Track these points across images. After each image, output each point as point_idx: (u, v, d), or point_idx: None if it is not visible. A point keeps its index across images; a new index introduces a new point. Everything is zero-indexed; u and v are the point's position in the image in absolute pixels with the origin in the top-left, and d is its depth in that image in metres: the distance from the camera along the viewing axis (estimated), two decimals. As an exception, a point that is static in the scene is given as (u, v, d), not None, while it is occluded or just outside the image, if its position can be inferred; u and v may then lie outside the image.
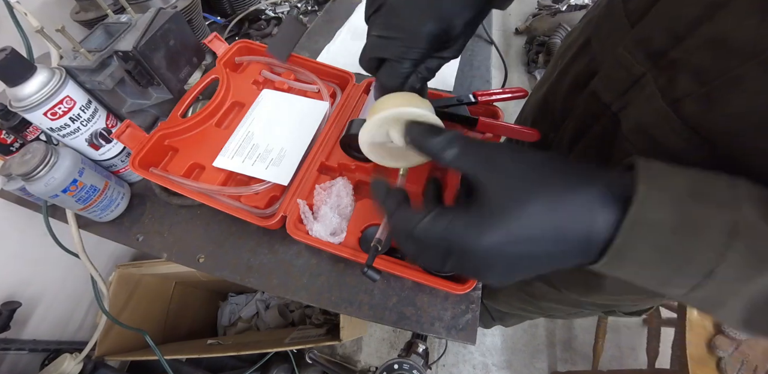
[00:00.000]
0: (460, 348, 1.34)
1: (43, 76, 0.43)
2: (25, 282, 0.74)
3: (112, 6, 0.57)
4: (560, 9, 2.04)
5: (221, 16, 0.80)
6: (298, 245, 0.51)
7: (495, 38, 0.78)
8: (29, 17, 0.45)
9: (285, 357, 0.98)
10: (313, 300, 0.47)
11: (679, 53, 0.30)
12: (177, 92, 0.55)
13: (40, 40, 0.45)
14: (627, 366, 1.30)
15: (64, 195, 0.46)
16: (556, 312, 0.80)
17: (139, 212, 0.56)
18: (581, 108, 0.44)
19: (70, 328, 0.87)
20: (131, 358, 0.84)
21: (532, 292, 0.76)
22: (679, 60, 0.30)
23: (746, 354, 0.88)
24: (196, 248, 0.52)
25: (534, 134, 0.48)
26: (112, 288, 0.86)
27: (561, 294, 0.65)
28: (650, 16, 0.33)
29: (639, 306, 0.59)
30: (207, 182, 0.50)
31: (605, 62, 0.39)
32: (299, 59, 0.59)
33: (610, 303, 0.62)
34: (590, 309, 0.69)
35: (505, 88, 0.51)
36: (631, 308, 0.62)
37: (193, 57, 0.57)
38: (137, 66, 0.49)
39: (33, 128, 0.54)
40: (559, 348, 1.36)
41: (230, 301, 1.26)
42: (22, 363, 0.75)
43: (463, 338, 0.44)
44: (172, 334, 1.05)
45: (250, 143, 0.52)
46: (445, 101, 0.49)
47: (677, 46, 0.30)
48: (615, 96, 0.38)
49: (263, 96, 0.57)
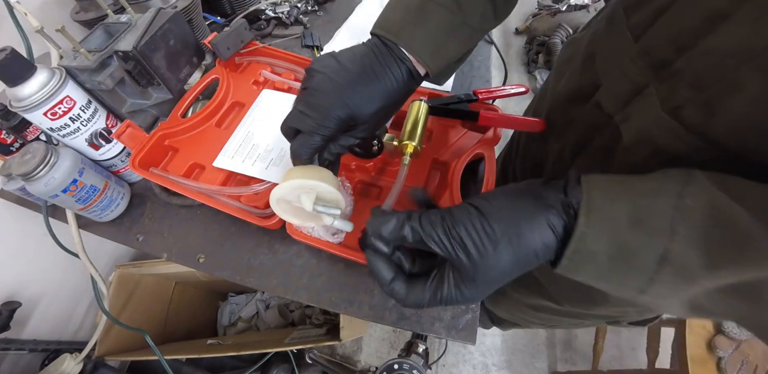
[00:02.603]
0: (460, 348, 1.34)
1: (43, 76, 0.43)
2: (25, 282, 0.74)
3: (112, 6, 0.57)
4: (560, 9, 2.04)
5: (221, 16, 0.80)
6: (298, 245, 0.51)
7: (495, 38, 0.78)
8: (29, 17, 0.45)
9: (285, 357, 0.97)
10: (313, 300, 0.47)
11: (681, 64, 0.31)
12: (177, 92, 0.55)
13: (40, 40, 0.45)
14: (627, 366, 1.30)
15: (64, 195, 0.46)
16: (557, 323, 0.80)
17: (139, 212, 0.56)
18: (583, 120, 0.45)
19: (70, 328, 0.87)
20: (131, 358, 0.84)
21: (532, 305, 0.76)
22: (681, 71, 0.31)
23: (746, 354, 0.88)
24: (196, 248, 0.52)
25: (539, 123, 0.49)
26: (112, 288, 0.86)
27: (563, 307, 0.65)
28: (654, 28, 0.34)
29: (644, 315, 0.59)
30: (207, 182, 0.50)
31: (609, 74, 0.40)
32: (299, 59, 0.59)
33: (615, 314, 0.61)
34: (593, 320, 0.69)
35: (506, 85, 0.51)
36: (636, 317, 0.61)
37: (193, 57, 0.57)
38: (137, 66, 0.49)
39: (33, 128, 0.54)
40: (559, 348, 1.35)
41: (230, 301, 1.26)
42: (22, 363, 0.75)
43: (463, 338, 0.44)
44: (172, 334, 1.04)
45: (250, 143, 0.52)
46: (447, 99, 0.50)
47: (681, 58, 0.31)
48: (618, 107, 0.38)
49: (263, 96, 0.57)
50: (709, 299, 0.25)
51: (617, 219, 0.25)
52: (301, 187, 0.35)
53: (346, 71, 0.35)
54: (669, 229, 0.23)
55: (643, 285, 0.25)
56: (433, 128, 0.55)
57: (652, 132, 0.34)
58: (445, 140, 0.54)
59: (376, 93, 0.36)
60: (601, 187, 0.26)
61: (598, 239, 0.25)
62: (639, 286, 0.25)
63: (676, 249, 0.23)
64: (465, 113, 0.50)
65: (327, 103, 0.34)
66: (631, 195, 0.25)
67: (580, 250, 0.25)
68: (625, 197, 0.25)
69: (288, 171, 0.37)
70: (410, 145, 0.44)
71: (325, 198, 0.36)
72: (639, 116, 0.36)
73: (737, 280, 0.23)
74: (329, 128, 0.34)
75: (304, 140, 0.35)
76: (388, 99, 0.37)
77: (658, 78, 0.33)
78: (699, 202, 0.23)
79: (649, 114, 0.34)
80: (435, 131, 0.55)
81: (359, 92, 0.35)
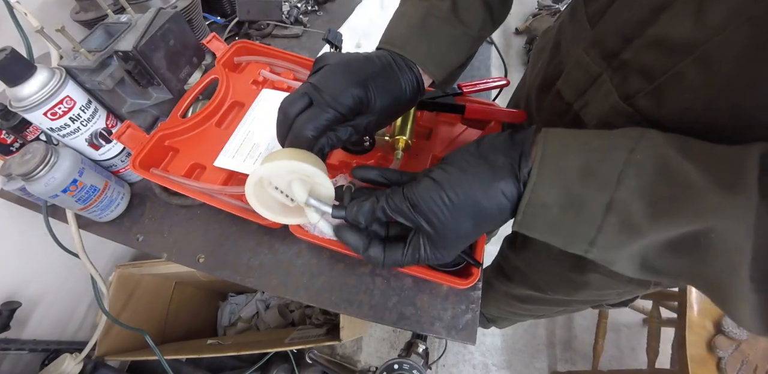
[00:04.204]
0: (460, 348, 1.34)
1: (43, 76, 0.43)
2: (25, 282, 0.74)
3: (112, 6, 0.57)
4: (560, 9, 2.05)
5: (221, 16, 0.80)
6: (298, 245, 0.51)
7: (495, 38, 0.78)
8: (29, 17, 0.45)
9: (285, 357, 0.97)
10: (313, 300, 0.47)
11: (628, 54, 0.33)
12: (177, 92, 0.55)
13: (40, 40, 0.45)
14: (627, 366, 1.30)
15: (64, 195, 0.46)
16: (545, 312, 0.83)
17: (139, 212, 0.56)
18: (548, 108, 0.47)
19: (70, 328, 0.87)
20: (131, 358, 0.84)
21: (518, 296, 0.79)
22: (629, 60, 0.33)
23: (746, 354, 0.88)
24: (196, 248, 0.52)
25: (521, 114, 0.50)
26: (112, 288, 0.86)
27: (547, 295, 0.67)
28: (605, 19, 0.35)
29: (624, 296, 0.61)
30: (208, 181, 0.50)
31: (568, 63, 0.42)
32: (298, 59, 0.59)
33: (596, 299, 0.64)
34: (576, 305, 0.72)
35: (488, 79, 0.53)
36: (616, 299, 0.63)
37: (193, 57, 0.57)
38: (137, 66, 0.49)
39: (33, 128, 0.53)
40: (559, 348, 1.35)
41: (230, 301, 1.26)
42: (22, 363, 0.75)
43: (463, 338, 0.44)
44: (172, 334, 1.04)
45: (251, 142, 0.52)
46: (433, 93, 0.51)
47: (627, 48, 0.32)
48: (576, 95, 0.40)
49: (263, 96, 0.57)
50: (655, 255, 0.26)
51: (568, 171, 0.26)
52: (297, 172, 0.30)
53: (365, 61, 0.35)
54: (616, 181, 0.25)
55: (592, 236, 0.26)
56: (433, 125, 0.55)
57: (610, 119, 0.35)
58: (444, 136, 0.54)
59: (392, 88, 0.36)
60: (557, 142, 0.28)
61: (549, 190, 0.26)
62: (588, 238, 0.26)
63: (620, 198, 0.24)
64: (452, 106, 0.51)
65: (346, 81, 0.32)
66: (585, 150, 0.27)
67: (532, 202, 0.27)
68: (578, 151, 0.27)
69: (275, 152, 0.30)
70: (402, 139, 0.45)
71: (319, 192, 0.32)
72: (596, 104, 0.37)
73: (679, 233, 0.24)
74: (345, 105, 0.32)
75: (315, 115, 0.31)
76: (400, 99, 0.37)
77: (610, 67, 0.35)
78: (649, 157, 0.24)
79: (605, 102, 0.36)
80: (435, 128, 0.55)
81: (378, 81, 0.34)
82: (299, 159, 0.29)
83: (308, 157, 0.30)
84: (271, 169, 0.29)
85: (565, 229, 0.27)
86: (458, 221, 0.29)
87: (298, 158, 0.29)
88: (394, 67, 0.36)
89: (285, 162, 0.29)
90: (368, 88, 0.33)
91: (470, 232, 0.30)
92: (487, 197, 0.28)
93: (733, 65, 0.25)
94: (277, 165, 0.29)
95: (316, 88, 0.32)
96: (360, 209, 0.31)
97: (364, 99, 0.33)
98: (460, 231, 0.30)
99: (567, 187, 0.26)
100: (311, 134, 0.31)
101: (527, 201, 0.27)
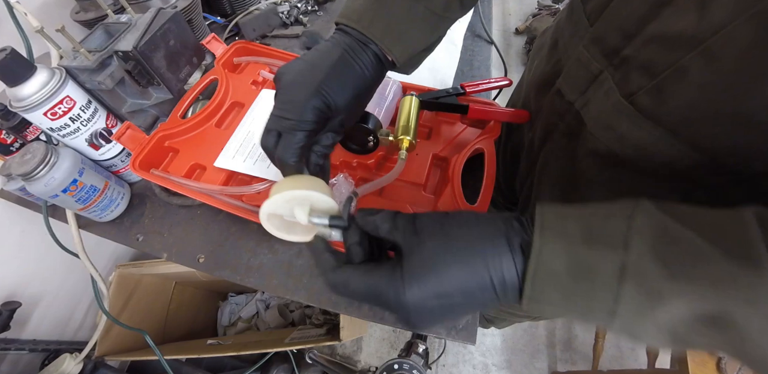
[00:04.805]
0: (460, 348, 1.34)
1: (43, 76, 0.43)
2: (25, 281, 0.74)
3: (112, 6, 0.57)
4: (560, 9, 2.05)
5: (221, 16, 0.80)
6: (298, 245, 0.51)
7: (495, 38, 0.78)
8: (29, 17, 0.45)
9: (285, 357, 0.97)
10: (313, 300, 0.47)
11: (630, 51, 0.32)
12: (177, 92, 0.55)
13: (40, 40, 0.45)
14: (627, 366, 1.30)
15: (64, 195, 0.46)
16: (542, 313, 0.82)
17: (139, 212, 0.56)
18: (548, 107, 0.46)
19: (70, 328, 0.87)
20: (131, 358, 0.84)
21: None
22: (631, 57, 0.32)
23: (746, 354, 0.88)
24: (196, 248, 0.52)
25: (524, 114, 0.50)
26: (112, 288, 0.86)
27: None
28: (605, 15, 0.35)
29: None
30: (208, 182, 0.50)
31: (568, 62, 0.41)
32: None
33: None
34: None
35: (491, 79, 0.53)
36: None
37: (193, 57, 0.57)
38: (137, 66, 0.49)
39: (33, 128, 0.53)
40: (559, 348, 1.35)
41: (230, 301, 1.26)
42: (22, 363, 0.75)
43: (463, 338, 0.44)
44: (172, 334, 1.04)
45: (251, 142, 0.52)
46: (436, 93, 0.51)
47: (629, 44, 0.32)
48: (577, 94, 0.39)
49: (262, 96, 0.57)
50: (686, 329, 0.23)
51: (571, 235, 0.24)
52: (294, 199, 0.32)
53: (314, 66, 0.35)
54: (623, 243, 0.23)
55: (611, 305, 0.23)
56: (433, 124, 0.55)
57: (612, 118, 0.35)
58: (445, 136, 0.54)
59: (348, 80, 0.35)
60: (551, 209, 0.26)
61: (556, 256, 0.24)
62: (607, 306, 0.23)
63: (633, 261, 0.22)
64: (455, 106, 0.51)
65: (301, 96, 0.33)
66: (583, 215, 0.25)
67: (539, 270, 0.24)
68: (577, 217, 0.25)
69: (275, 184, 0.34)
70: (406, 139, 0.45)
71: (320, 208, 0.33)
72: (597, 102, 0.37)
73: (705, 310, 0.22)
74: (309, 122, 0.33)
75: (287, 142, 0.33)
76: (361, 87, 0.36)
77: (611, 64, 0.34)
78: (649, 222, 0.23)
79: (606, 100, 0.35)
80: (435, 127, 0.55)
81: (332, 81, 0.34)
82: (290, 187, 0.32)
83: (300, 182, 0.33)
84: (270, 205, 0.32)
85: (581, 298, 0.24)
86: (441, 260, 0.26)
87: (290, 187, 0.32)
88: (350, 53, 0.36)
89: (278, 196, 0.32)
90: (324, 94, 0.33)
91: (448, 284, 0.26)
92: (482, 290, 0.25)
93: (738, 60, 0.25)
94: (274, 200, 0.32)
95: (278, 117, 0.33)
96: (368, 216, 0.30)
97: (324, 106, 0.33)
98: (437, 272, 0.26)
99: (573, 252, 0.24)
100: (293, 160, 0.33)
101: (534, 268, 0.24)
